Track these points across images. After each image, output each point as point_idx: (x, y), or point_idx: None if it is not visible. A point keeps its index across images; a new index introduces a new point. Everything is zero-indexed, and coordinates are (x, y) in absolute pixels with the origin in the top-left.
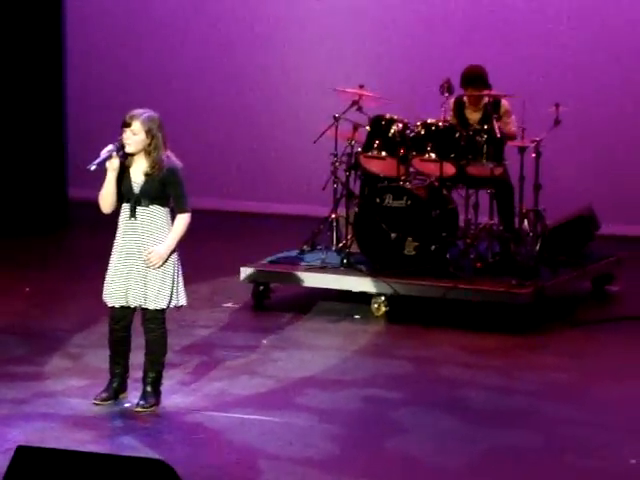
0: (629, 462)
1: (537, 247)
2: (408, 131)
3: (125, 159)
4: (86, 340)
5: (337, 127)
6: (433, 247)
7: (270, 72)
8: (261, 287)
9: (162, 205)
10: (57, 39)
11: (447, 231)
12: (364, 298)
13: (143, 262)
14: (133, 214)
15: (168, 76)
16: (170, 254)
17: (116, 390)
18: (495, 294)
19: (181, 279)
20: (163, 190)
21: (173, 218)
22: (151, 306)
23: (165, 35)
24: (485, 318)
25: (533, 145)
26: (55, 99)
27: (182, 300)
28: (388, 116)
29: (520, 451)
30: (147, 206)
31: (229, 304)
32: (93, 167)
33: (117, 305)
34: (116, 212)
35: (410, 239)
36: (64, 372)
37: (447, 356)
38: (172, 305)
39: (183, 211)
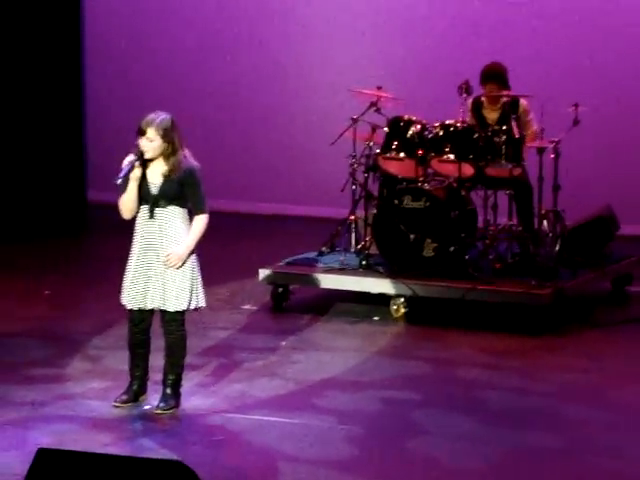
0: None
1: (556, 248)
2: (426, 132)
3: (145, 165)
4: (105, 342)
5: (355, 129)
6: (452, 248)
7: (288, 73)
8: (280, 289)
9: (180, 206)
10: (75, 40)
11: (466, 232)
12: (383, 300)
13: (162, 263)
14: (151, 215)
15: (185, 76)
16: (189, 255)
17: (136, 392)
18: (514, 295)
19: (200, 280)
20: (181, 191)
21: (191, 219)
22: (170, 308)
23: (182, 34)
24: (504, 319)
25: (552, 146)
26: (74, 101)
27: (201, 301)
28: (406, 117)
29: (539, 452)
30: (165, 207)
31: (248, 306)
32: (119, 181)
33: (135, 308)
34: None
35: (429, 240)
36: (84, 374)
37: (466, 357)
38: (192, 307)
39: (201, 212)
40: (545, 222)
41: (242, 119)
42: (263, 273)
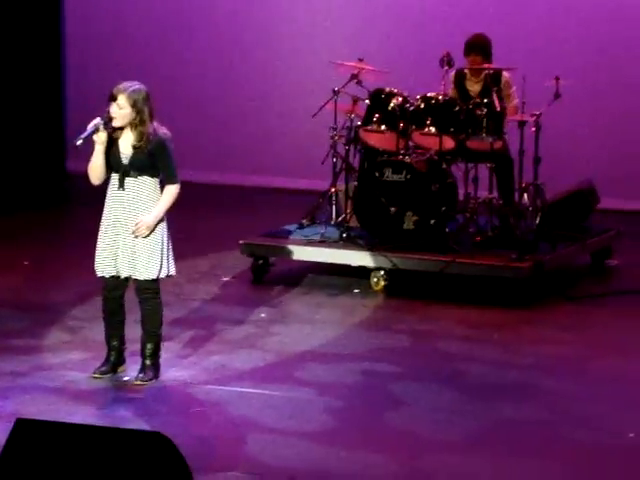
0: (628, 435)
1: (537, 221)
2: (408, 105)
3: (113, 132)
4: (85, 313)
5: (336, 101)
6: (432, 221)
7: (270, 45)
8: (260, 261)
9: (151, 176)
10: (55, 12)
11: (446, 205)
12: (363, 272)
13: (131, 233)
14: (122, 185)
15: (170, 45)
16: (158, 224)
17: (114, 363)
18: (494, 268)
19: (170, 249)
20: (152, 161)
21: (162, 189)
22: (141, 276)
23: (166, 5)
24: (484, 292)
25: (533, 119)
26: (53, 71)
27: (172, 270)
28: (388, 90)
29: (519, 425)
30: (136, 177)
31: (228, 278)
32: (79, 142)
33: (107, 275)
34: None
35: (409, 213)
36: (63, 345)
37: (446, 330)
38: (162, 275)
39: (172, 182)
40: (525, 195)
41: (224, 91)
42: (243, 245)
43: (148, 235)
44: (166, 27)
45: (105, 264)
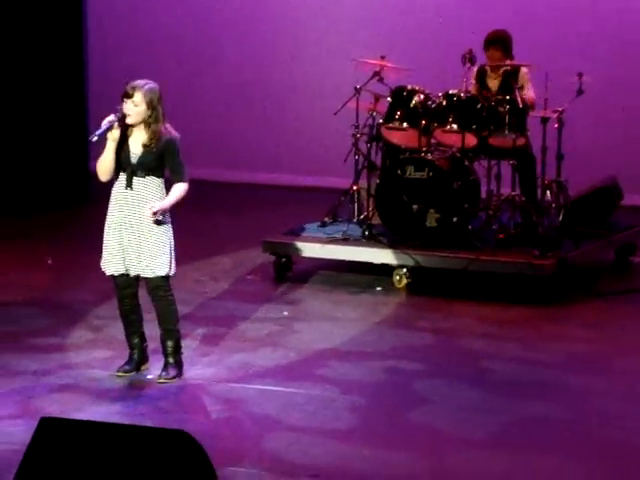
0: None
1: (559, 218)
2: (430, 102)
3: (125, 129)
4: (108, 312)
5: (358, 98)
6: (455, 219)
7: (291, 42)
8: (283, 259)
9: (157, 176)
10: (77, 11)
11: (469, 202)
12: (386, 270)
13: (135, 232)
14: (129, 184)
15: (189, 47)
16: (164, 224)
17: (137, 362)
18: (517, 265)
19: (174, 248)
20: (160, 162)
21: (168, 190)
22: (149, 274)
23: (182, 4)
24: (507, 290)
25: (556, 115)
26: (76, 72)
27: (173, 270)
28: (410, 87)
29: (542, 422)
30: (143, 177)
31: (251, 276)
32: (95, 138)
33: (116, 273)
34: None
35: (432, 211)
36: (87, 344)
37: (469, 328)
38: (171, 273)
39: (180, 181)
40: (548, 192)
41: (248, 90)
42: (266, 243)
43: (156, 224)
44: (185, 26)
45: (112, 262)
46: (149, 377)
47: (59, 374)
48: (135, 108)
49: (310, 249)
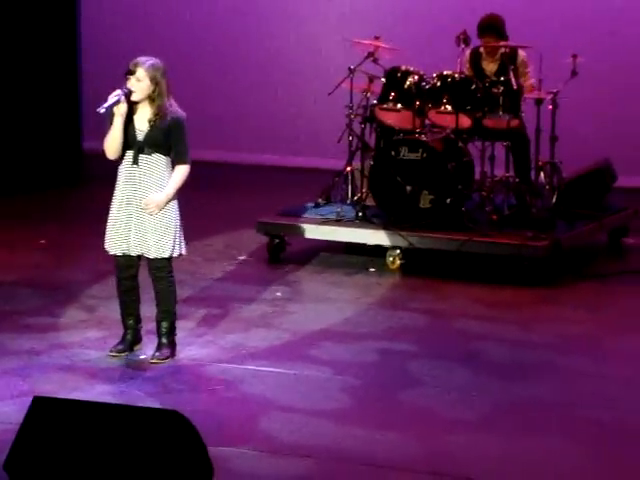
0: None
1: (553, 200)
2: (424, 83)
3: (131, 108)
4: (102, 292)
5: (352, 79)
6: (449, 200)
7: (285, 24)
8: (276, 240)
9: (164, 154)
10: None
11: (463, 184)
12: (379, 251)
13: (141, 210)
14: (135, 161)
15: (183, 27)
16: (169, 202)
17: (131, 342)
18: (511, 247)
19: (181, 228)
20: (167, 139)
21: (173, 168)
22: (152, 255)
23: None
24: (500, 271)
25: (550, 97)
26: (69, 51)
27: (183, 249)
28: (404, 68)
29: (535, 403)
30: (150, 154)
31: (244, 257)
32: (102, 110)
33: (119, 253)
34: None
35: (425, 192)
36: (80, 324)
37: (462, 309)
38: (175, 254)
39: (183, 162)
40: (542, 174)
41: (242, 70)
42: (259, 224)
43: (157, 213)
44: (185, 9)
45: (116, 241)
46: (142, 357)
47: (52, 354)
48: (138, 84)
49: (304, 230)
